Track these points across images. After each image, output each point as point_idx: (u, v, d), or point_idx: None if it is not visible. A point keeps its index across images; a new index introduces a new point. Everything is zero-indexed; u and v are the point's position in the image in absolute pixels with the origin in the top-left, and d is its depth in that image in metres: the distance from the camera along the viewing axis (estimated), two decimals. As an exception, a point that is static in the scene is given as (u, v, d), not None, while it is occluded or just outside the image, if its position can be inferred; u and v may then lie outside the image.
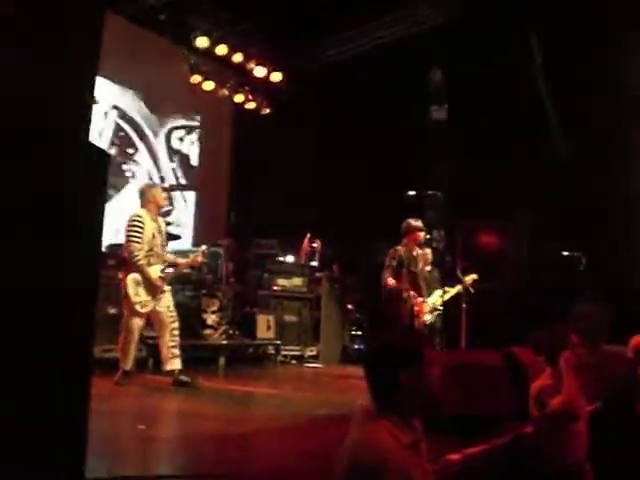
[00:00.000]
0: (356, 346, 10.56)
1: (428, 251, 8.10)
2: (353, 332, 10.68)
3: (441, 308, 7.71)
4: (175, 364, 6.35)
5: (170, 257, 6.64)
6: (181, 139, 12.07)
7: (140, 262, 6.23)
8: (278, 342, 9.50)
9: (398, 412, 2.29)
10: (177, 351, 6.39)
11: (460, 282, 7.89)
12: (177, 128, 11.99)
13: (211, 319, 8.61)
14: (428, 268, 8.13)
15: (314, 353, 10.00)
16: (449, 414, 4.12)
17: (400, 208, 7.51)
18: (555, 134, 9.35)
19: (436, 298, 7.84)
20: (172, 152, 11.88)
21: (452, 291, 7.91)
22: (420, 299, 7.56)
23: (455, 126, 8.56)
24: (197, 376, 6.58)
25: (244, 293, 9.95)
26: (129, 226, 6.29)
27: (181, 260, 6.73)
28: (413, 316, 7.37)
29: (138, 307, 6.22)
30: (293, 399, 6.26)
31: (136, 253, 6.23)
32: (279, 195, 11.42)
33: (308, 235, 10.55)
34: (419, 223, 7.63)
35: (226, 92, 11.75)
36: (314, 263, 10.57)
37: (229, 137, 12.76)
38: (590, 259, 8.44)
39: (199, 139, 12.32)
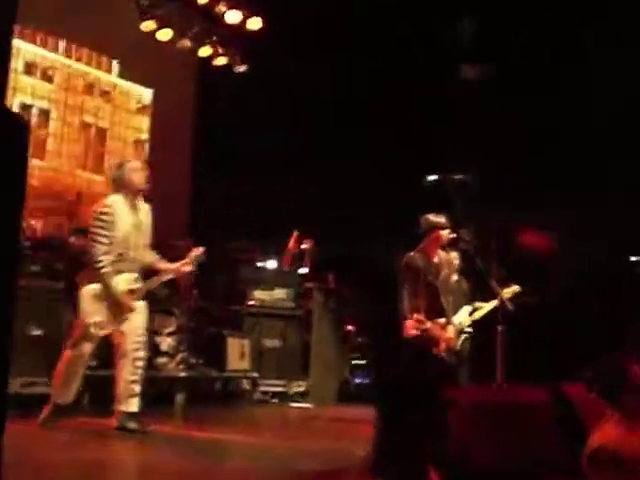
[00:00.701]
0: (358, 380, 10.54)
1: (454, 255, 8.09)
2: (354, 361, 10.66)
3: (470, 330, 7.69)
4: (132, 405, 6.26)
5: (151, 258, 6.52)
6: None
7: (104, 271, 6.13)
8: (255, 375, 9.48)
9: (402, 467, 2.30)
10: (137, 388, 6.31)
11: (496, 296, 7.89)
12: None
13: (166, 343, 8.61)
14: (455, 277, 8.11)
15: (302, 389, 9.98)
16: (476, 469, 4.10)
17: (417, 198, 7.50)
18: None
19: (464, 317, 7.82)
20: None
21: (485, 308, 7.90)
22: (441, 321, 7.51)
23: (491, 90, 8.56)
24: (148, 418, 6.55)
25: (210, 309, 9.93)
26: (94, 220, 6.20)
27: (164, 265, 6.60)
28: (431, 344, 7.31)
29: (92, 329, 6.16)
30: (275, 450, 6.23)
31: (100, 258, 6.11)
32: (257, 182, 11.40)
33: (295, 233, 10.53)
34: (442, 219, 7.61)
35: (188, 44, 11.70)
36: (303, 270, 10.55)
37: (191, 105, 12.70)
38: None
39: (151, 109, 12.26)
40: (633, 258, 8.45)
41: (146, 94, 12.24)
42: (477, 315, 7.85)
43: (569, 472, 3.76)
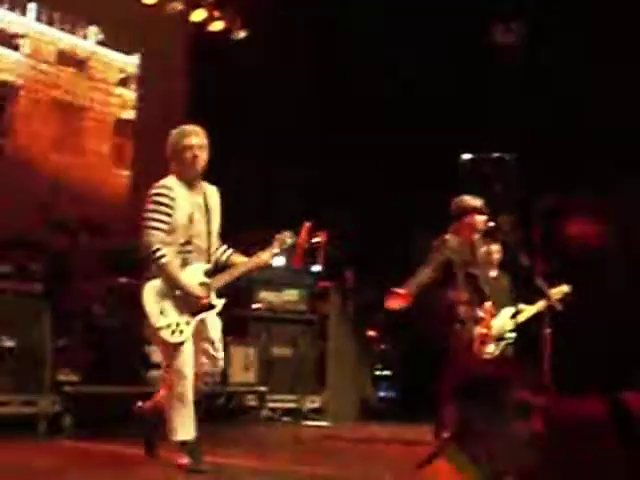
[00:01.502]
0: (382, 394, 10.52)
1: (495, 248, 8.07)
2: (377, 372, 10.64)
3: (512, 335, 7.66)
4: (185, 432, 5.85)
5: (222, 249, 6.18)
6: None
7: (164, 260, 5.74)
8: (263, 389, 9.46)
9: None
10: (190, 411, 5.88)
11: (543, 296, 7.85)
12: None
13: (157, 354, 8.56)
14: (493, 273, 8.08)
15: (318, 405, 9.98)
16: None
17: (450, 181, 7.46)
18: None
19: (504, 320, 7.80)
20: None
21: (531, 310, 7.88)
22: (490, 318, 7.48)
23: (532, 55, 8.52)
24: (140, 439, 6.52)
25: (209, 314, 9.91)
26: (148, 204, 5.90)
27: (241, 259, 6.23)
28: (473, 345, 7.30)
29: (167, 335, 5.75)
30: (286, 477, 6.19)
31: (157, 246, 5.74)
32: (261, 166, 11.37)
33: (307, 225, 10.46)
34: (478, 202, 7.58)
35: (179, 6, 11.68)
36: (317, 268, 10.51)
37: (183, 78, 12.65)
38: None
39: (137, 82, 12.23)
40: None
41: (130, 63, 12.19)
42: (520, 318, 7.82)
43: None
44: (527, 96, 9.23)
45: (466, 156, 6.86)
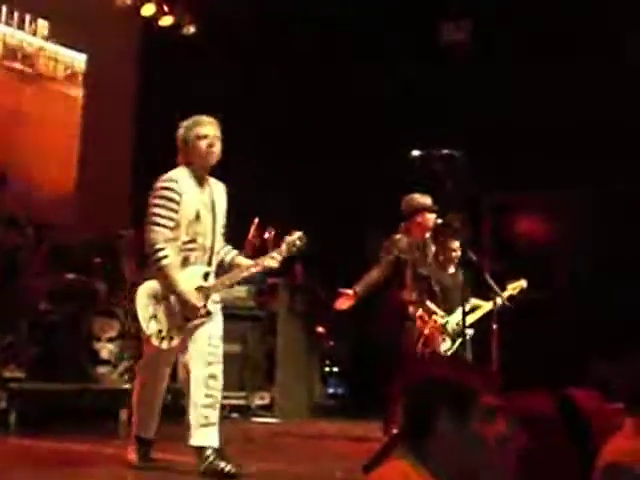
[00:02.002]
0: (331, 390, 10.51)
1: (455, 245, 8.11)
2: (327, 369, 10.63)
3: (470, 332, 7.72)
4: (209, 438, 5.74)
5: (226, 250, 5.96)
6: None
7: (165, 262, 5.51)
8: (211, 385, 9.41)
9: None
10: (214, 416, 5.80)
11: (493, 294, 7.90)
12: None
13: (106, 350, 8.54)
14: (452, 270, 8.13)
15: (266, 402, 9.94)
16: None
17: (399, 177, 7.46)
18: None
19: (460, 317, 7.86)
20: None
21: (484, 307, 7.92)
22: (438, 318, 7.52)
23: (481, 52, 8.54)
24: (87, 437, 6.46)
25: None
26: (153, 199, 5.67)
27: (246, 261, 5.98)
28: (422, 344, 7.34)
29: (156, 341, 5.58)
30: (235, 472, 6.15)
31: (160, 245, 5.52)
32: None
33: (256, 221, 10.44)
34: (428, 200, 7.60)
35: (128, 0, 11.58)
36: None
37: (132, 75, 12.55)
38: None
39: (83, 80, 12.11)
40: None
41: (78, 59, 12.06)
42: (475, 315, 7.87)
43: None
44: (476, 93, 9.27)
45: (415, 152, 6.81)
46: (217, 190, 5.92)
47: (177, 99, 11.32)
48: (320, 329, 10.63)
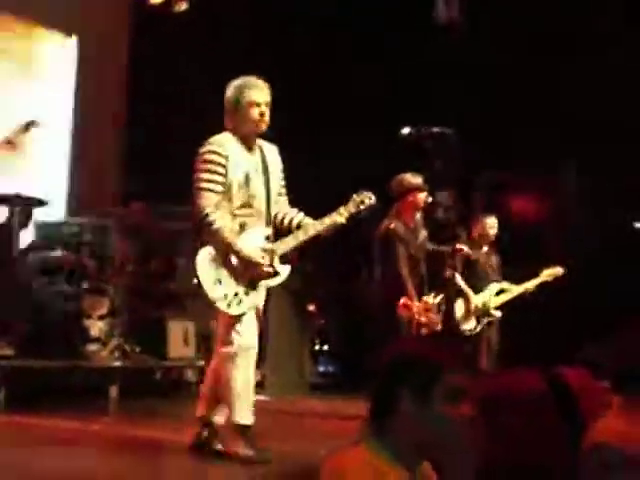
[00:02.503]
0: (322, 368, 10.52)
1: (490, 222, 8.20)
2: (317, 347, 10.64)
3: (498, 314, 7.79)
4: (245, 415, 5.55)
5: (286, 211, 5.72)
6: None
7: (216, 226, 5.25)
8: (201, 363, 9.39)
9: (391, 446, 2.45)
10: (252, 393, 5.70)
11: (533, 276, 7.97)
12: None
13: (97, 328, 8.52)
14: (485, 248, 8.25)
15: (257, 379, 9.92)
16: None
17: (390, 155, 7.44)
18: None
19: (488, 297, 7.93)
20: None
21: (514, 290, 8.04)
22: (428, 301, 7.48)
23: (475, 31, 8.52)
24: (77, 414, 6.46)
25: (148, 288, 9.82)
26: (199, 163, 5.44)
27: (312, 222, 5.71)
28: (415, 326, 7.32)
29: (223, 306, 5.33)
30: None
31: (208, 210, 5.28)
32: (201, 139, 11.24)
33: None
34: (419, 179, 7.56)
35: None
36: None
37: (124, 54, 12.46)
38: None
39: (77, 59, 12.03)
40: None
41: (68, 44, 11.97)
42: (502, 298, 7.96)
43: (571, 471, 3.70)
44: (468, 74, 9.25)
45: (405, 130, 6.77)
46: (269, 152, 5.65)
47: (172, 79, 11.32)
48: (311, 307, 10.63)
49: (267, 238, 5.49)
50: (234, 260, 5.31)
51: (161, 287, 9.95)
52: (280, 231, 5.69)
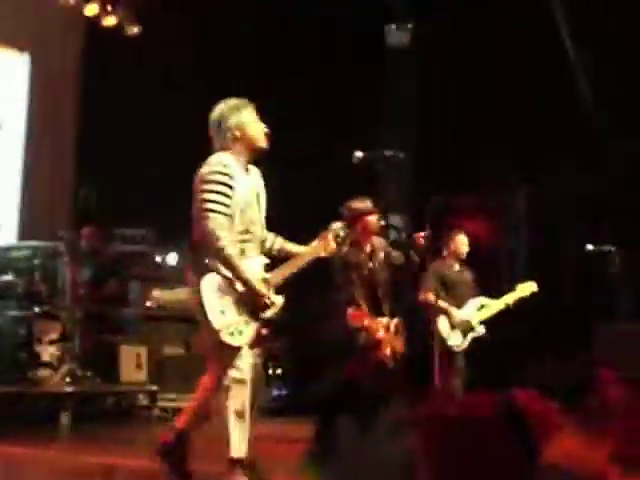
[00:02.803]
0: (275, 392, 10.49)
1: (461, 239, 8.27)
2: (270, 370, 10.62)
3: (482, 330, 7.99)
4: (239, 448, 5.26)
5: (273, 239, 5.51)
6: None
7: (228, 252, 4.97)
8: (153, 388, 9.36)
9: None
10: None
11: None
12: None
13: (48, 353, 8.47)
14: (457, 267, 8.26)
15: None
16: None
17: (342, 179, 7.45)
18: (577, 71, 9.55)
19: (471, 312, 8.04)
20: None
21: (494, 306, 8.15)
22: (384, 321, 7.44)
23: (424, 55, 8.58)
24: (28, 441, 6.40)
25: (100, 313, 9.77)
26: (203, 184, 5.10)
27: (296, 248, 5.57)
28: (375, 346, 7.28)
29: (226, 337, 5.03)
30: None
31: (220, 233, 4.98)
32: (155, 161, 11.23)
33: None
34: (367, 203, 7.54)
35: (71, 0, 11.48)
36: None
37: (75, 75, 12.43)
38: (627, 256, 8.58)
39: (29, 77, 11.99)
40: (590, 247, 8.54)
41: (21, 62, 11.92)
42: (483, 315, 8.04)
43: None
44: (421, 95, 9.31)
45: (358, 154, 6.78)
46: (256, 175, 5.42)
47: (124, 98, 11.27)
48: (263, 331, 10.59)
49: (265, 267, 5.28)
50: (240, 288, 5.06)
51: (113, 311, 9.92)
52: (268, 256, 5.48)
